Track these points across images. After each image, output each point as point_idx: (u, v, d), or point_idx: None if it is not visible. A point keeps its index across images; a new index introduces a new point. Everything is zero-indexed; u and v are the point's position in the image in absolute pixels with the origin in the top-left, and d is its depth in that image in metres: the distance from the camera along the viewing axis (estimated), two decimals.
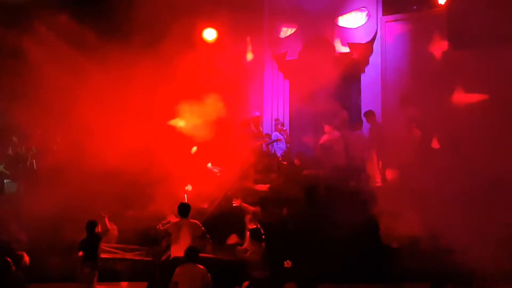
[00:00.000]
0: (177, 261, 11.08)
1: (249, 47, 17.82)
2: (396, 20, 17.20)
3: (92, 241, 12.26)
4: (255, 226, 12.34)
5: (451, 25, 15.69)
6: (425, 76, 14.86)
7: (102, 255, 12.56)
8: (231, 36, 16.87)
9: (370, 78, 17.24)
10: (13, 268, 10.71)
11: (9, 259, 10.80)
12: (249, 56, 17.87)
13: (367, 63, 17.34)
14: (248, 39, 17.83)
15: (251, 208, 13.16)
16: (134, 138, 14.21)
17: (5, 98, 15.21)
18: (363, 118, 15.77)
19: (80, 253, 12.13)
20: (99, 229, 12.55)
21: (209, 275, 10.58)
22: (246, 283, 11.35)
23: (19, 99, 15.03)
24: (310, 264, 11.85)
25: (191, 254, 10.68)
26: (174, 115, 15.26)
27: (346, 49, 17.11)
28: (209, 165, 15.43)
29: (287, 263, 11.31)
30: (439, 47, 15.45)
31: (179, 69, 14.64)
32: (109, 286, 12.71)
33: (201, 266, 10.62)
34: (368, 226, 12.36)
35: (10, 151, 17.03)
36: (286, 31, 17.90)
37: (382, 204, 12.58)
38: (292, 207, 13.04)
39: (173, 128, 15.10)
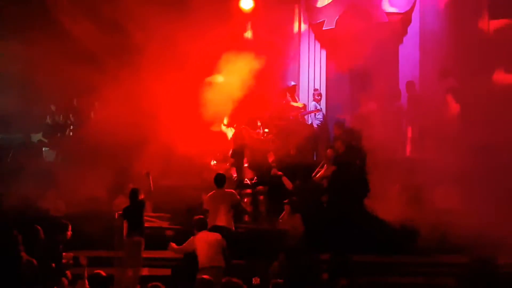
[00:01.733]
0: (214, 229, 11.20)
1: (286, 16, 17.68)
2: None
3: (136, 208, 12.33)
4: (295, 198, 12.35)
5: None
6: (465, 47, 14.59)
7: None
8: (268, 5, 16.74)
9: (408, 48, 16.95)
10: (42, 236, 10.75)
11: (39, 227, 10.85)
12: (286, 25, 17.75)
13: (405, 33, 17.07)
14: (285, 8, 17.69)
15: (289, 184, 13.17)
16: (169, 109, 14.23)
17: (43, 67, 15.30)
18: (401, 89, 15.62)
19: (125, 222, 12.20)
20: (141, 196, 12.56)
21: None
22: (282, 254, 11.38)
23: (57, 67, 15.13)
24: (346, 236, 11.85)
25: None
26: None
27: (384, 19, 16.86)
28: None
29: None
30: (479, 17, 15.15)
31: (215, 39, 14.58)
32: (145, 255, 12.83)
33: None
34: (402, 199, 12.30)
35: (48, 120, 17.21)
36: (324, 0, 17.69)
37: (418, 176, 12.46)
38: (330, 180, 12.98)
39: (206, 102, 15.03)
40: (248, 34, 17.11)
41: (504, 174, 11.19)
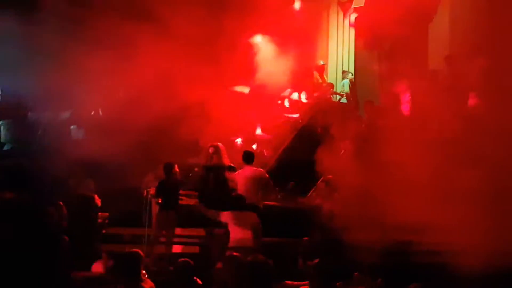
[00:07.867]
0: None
1: None
2: None
3: (172, 184, 12.10)
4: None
5: None
6: (499, 26, 14.31)
7: None
8: None
9: (438, 27, 16.76)
10: (65, 212, 10.66)
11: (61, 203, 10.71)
12: (314, 4, 17.63)
13: (435, 12, 16.85)
14: None
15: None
16: (198, 90, 14.18)
17: (70, 47, 15.29)
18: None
19: (159, 200, 12.08)
20: (176, 169, 12.36)
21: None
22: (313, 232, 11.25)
23: (84, 46, 15.11)
24: None
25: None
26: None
27: None
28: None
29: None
30: None
31: (244, 17, 14.50)
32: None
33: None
34: None
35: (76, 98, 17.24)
36: None
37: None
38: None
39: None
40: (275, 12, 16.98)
41: None
